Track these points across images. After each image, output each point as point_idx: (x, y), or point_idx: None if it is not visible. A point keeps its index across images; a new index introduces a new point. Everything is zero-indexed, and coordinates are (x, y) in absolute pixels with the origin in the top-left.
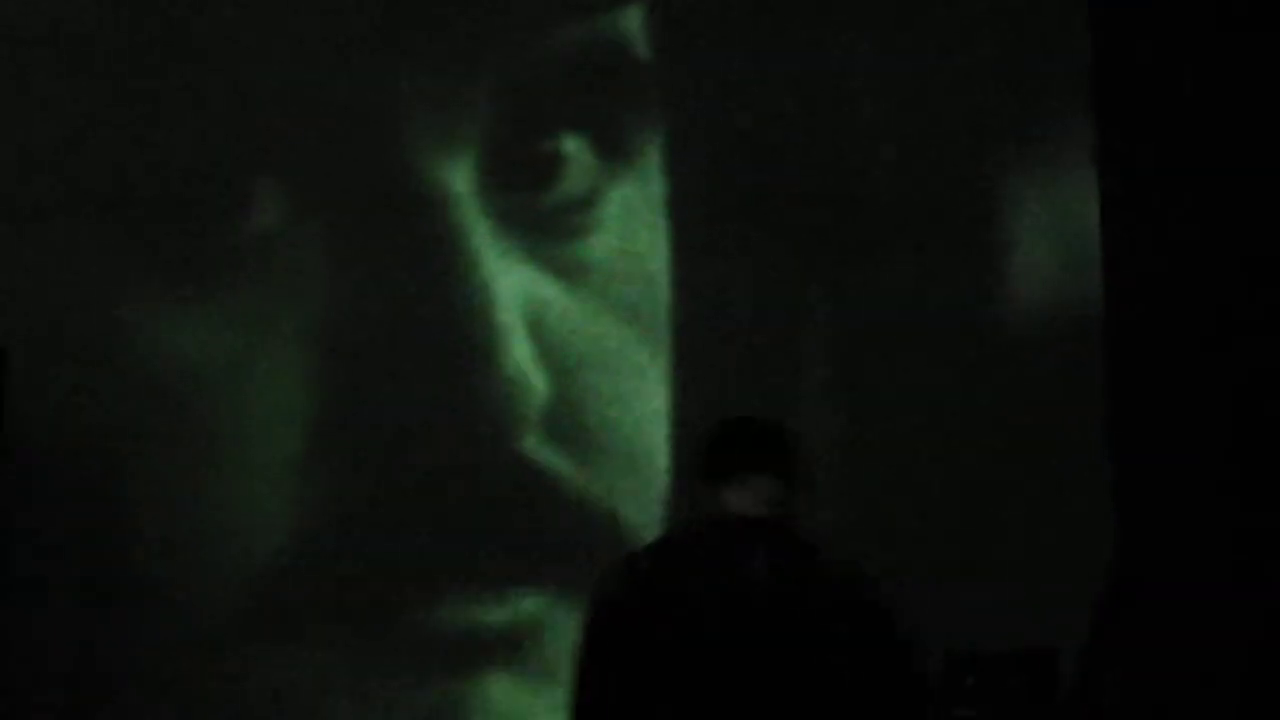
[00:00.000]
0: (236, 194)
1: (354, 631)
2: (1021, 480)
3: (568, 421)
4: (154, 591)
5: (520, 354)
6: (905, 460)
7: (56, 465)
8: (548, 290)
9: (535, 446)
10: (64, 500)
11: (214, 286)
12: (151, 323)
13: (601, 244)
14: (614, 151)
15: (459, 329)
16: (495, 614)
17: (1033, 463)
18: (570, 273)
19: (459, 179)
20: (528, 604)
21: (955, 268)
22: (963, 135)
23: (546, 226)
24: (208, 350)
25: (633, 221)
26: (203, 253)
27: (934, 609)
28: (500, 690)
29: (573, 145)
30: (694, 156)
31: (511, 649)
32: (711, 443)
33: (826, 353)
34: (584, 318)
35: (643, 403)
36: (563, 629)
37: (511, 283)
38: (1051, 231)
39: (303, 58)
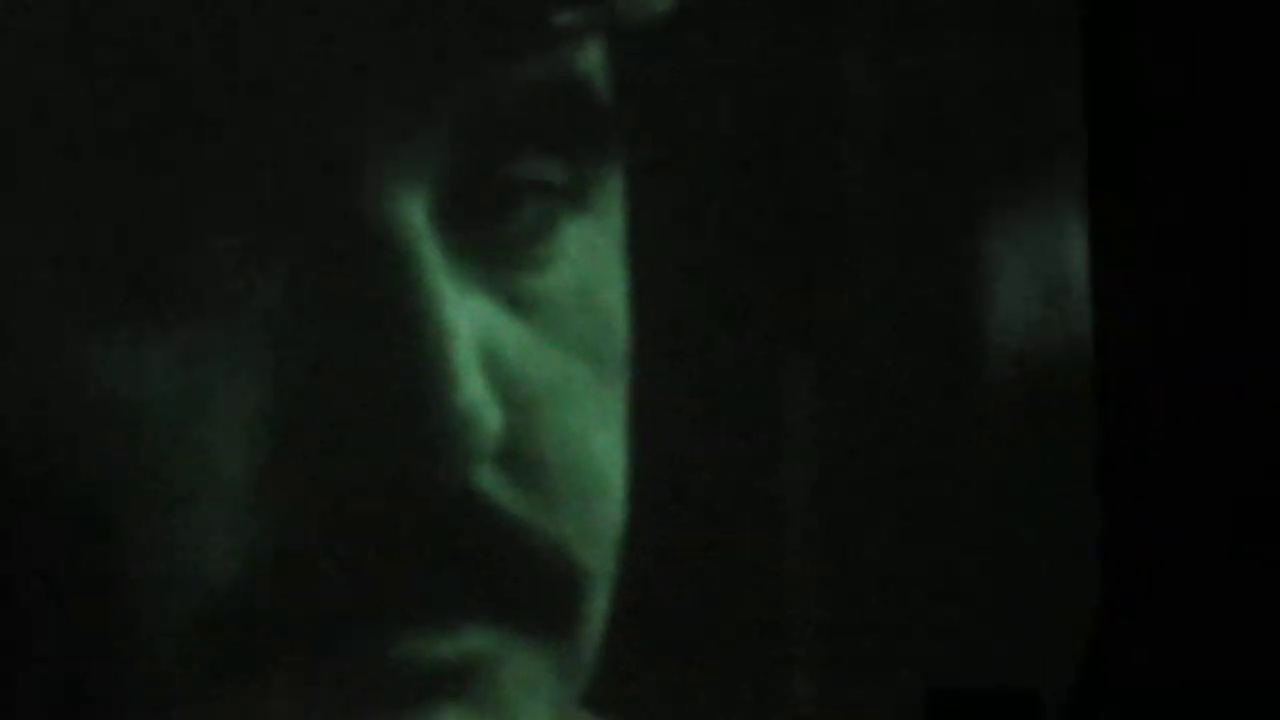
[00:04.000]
0: (184, 227)
1: (302, 665)
2: (1008, 517)
3: (522, 457)
4: (98, 624)
5: (474, 388)
6: (886, 496)
7: (14, 496)
8: (503, 324)
9: (488, 481)
10: (20, 529)
11: (165, 316)
12: (102, 355)
13: (559, 278)
14: (573, 185)
15: (413, 362)
16: (446, 649)
17: (1020, 499)
18: (527, 306)
19: (415, 211)
20: (479, 640)
21: (937, 300)
22: (945, 166)
23: (503, 259)
24: (157, 383)
25: (591, 256)
26: (148, 287)
27: (915, 646)
28: None
29: (530, 179)
30: (654, 191)
31: (462, 684)
32: None
33: (796, 390)
34: (540, 352)
35: (599, 439)
36: (513, 665)
37: (466, 316)
38: (1038, 262)
39: (259, 88)
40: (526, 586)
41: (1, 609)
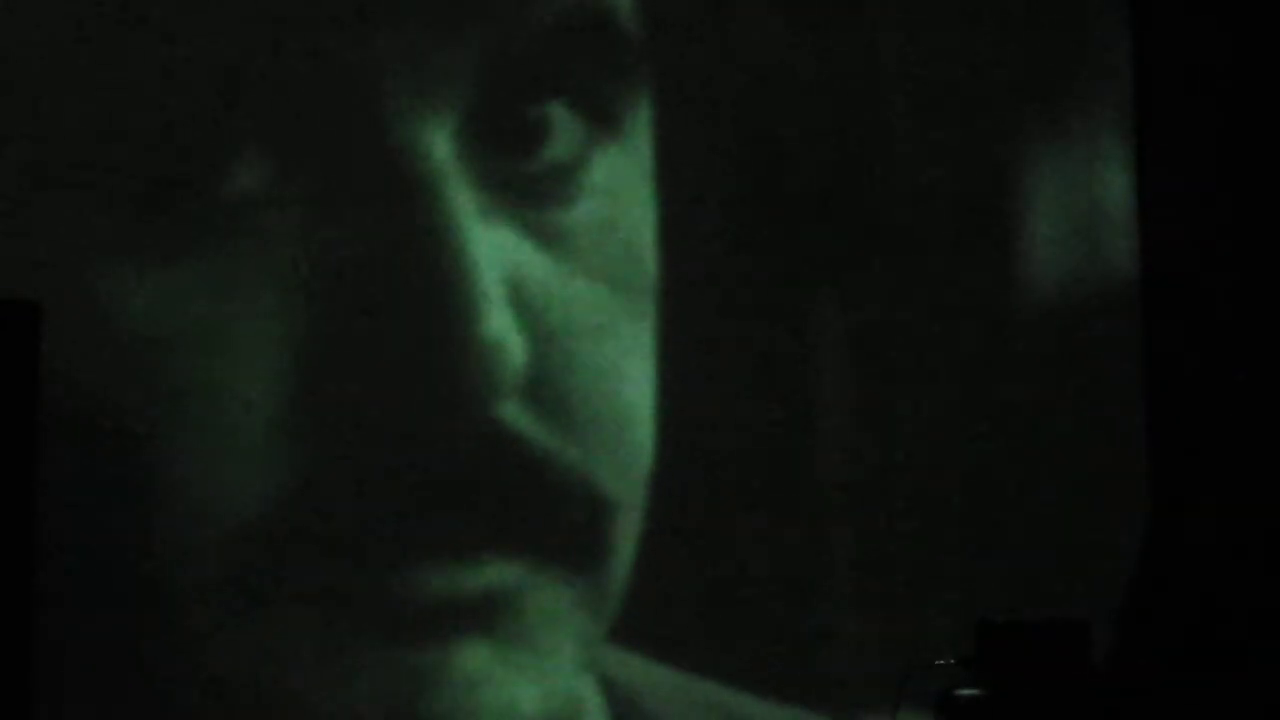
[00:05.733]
0: (215, 159)
1: (327, 599)
2: (1056, 455)
3: (547, 390)
4: (122, 559)
5: (500, 321)
6: (922, 428)
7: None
8: (530, 256)
9: (513, 414)
10: (53, 460)
11: (190, 251)
12: (127, 287)
13: (586, 211)
14: (600, 118)
15: (438, 295)
16: (471, 582)
17: (1067, 435)
18: (553, 239)
19: (440, 144)
20: (503, 572)
21: (970, 244)
22: (982, 103)
23: (530, 192)
24: (182, 316)
25: (619, 189)
26: (180, 217)
27: (967, 581)
28: (474, 658)
29: (558, 111)
30: (683, 123)
31: (486, 617)
32: None
33: (826, 322)
34: (566, 285)
35: (626, 372)
36: (539, 598)
37: (493, 248)
38: (1078, 209)
39: (284, 22)
40: (553, 520)
41: (49, 529)
